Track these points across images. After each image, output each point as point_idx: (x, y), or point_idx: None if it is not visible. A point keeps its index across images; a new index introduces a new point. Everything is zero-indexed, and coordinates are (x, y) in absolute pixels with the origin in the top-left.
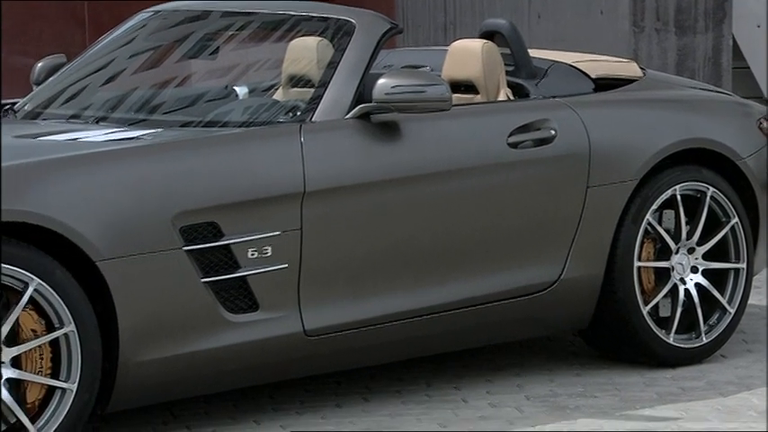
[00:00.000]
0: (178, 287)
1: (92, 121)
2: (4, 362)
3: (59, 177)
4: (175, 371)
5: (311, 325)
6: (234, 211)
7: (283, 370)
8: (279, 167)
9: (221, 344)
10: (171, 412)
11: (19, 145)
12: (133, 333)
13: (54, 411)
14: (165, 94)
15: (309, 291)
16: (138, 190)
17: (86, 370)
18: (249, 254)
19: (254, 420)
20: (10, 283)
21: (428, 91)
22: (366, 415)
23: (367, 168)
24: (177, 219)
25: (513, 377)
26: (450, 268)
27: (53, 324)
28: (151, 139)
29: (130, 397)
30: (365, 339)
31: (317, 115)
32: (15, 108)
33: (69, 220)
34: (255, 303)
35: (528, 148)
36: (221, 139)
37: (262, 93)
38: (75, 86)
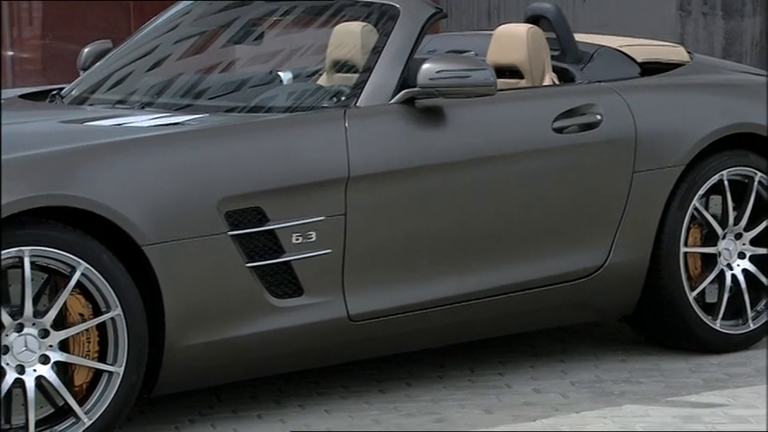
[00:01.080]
0: (223, 272)
1: (137, 106)
2: (53, 345)
3: (106, 162)
4: (221, 355)
5: (355, 310)
6: (278, 197)
7: (327, 355)
8: (323, 153)
9: (266, 328)
10: (217, 396)
11: (66, 130)
12: (179, 317)
13: (101, 394)
14: (209, 79)
15: (353, 276)
16: (184, 175)
17: (133, 353)
18: (294, 239)
19: (299, 405)
20: (58, 267)
21: (473, 76)
22: (409, 400)
23: (411, 153)
24: (222, 204)
25: (558, 363)
26: (494, 254)
27: (100, 308)
28: (196, 125)
29: (176, 381)
30: (409, 324)
31: (362, 100)
32: (62, 93)
33: (116, 205)
34: (300, 288)
35: (573, 133)
36: (266, 124)
37: (306, 78)
38: (121, 72)
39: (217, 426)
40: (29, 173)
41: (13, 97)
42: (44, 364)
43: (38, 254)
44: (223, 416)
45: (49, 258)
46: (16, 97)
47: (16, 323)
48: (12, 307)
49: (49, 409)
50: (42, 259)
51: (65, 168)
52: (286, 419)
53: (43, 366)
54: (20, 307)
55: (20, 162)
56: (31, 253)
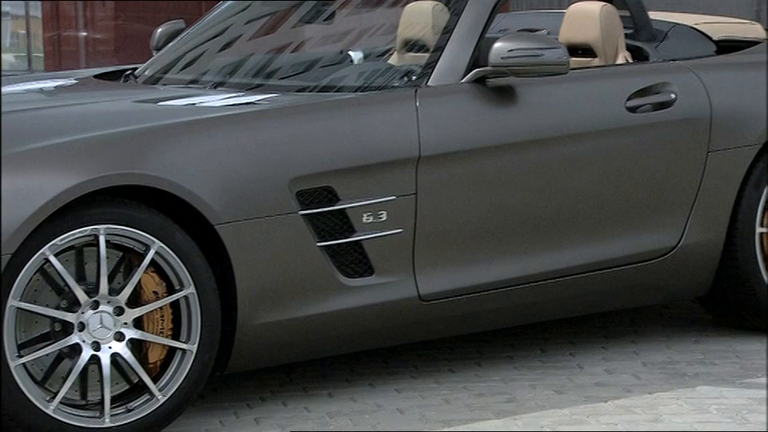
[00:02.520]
0: (294, 251)
1: (210, 86)
2: (127, 323)
3: (179, 142)
4: (292, 334)
5: (426, 290)
6: (349, 176)
7: (397, 334)
8: (394, 132)
9: (336, 308)
10: (287, 375)
11: (140, 110)
12: (251, 296)
13: (175, 371)
14: (281, 59)
15: (424, 255)
16: (256, 154)
17: (206, 331)
18: (364, 218)
19: (370, 384)
20: (132, 245)
21: (545, 54)
22: (479, 380)
23: (482, 133)
24: (294, 183)
25: (630, 344)
26: (566, 234)
27: (174, 286)
28: (268, 104)
29: (248, 359)
30: (479, 305)
31: (433, 80)
32: (136, 73)
33: (189, 184)
34: (370, 268)
35: (647, 112)
36: (337, 103)
37: (377, 58)
38: (193, 52)
39: (288, 404)
40: (104, 152)
41: (88, 77)
42: (119, 341)
43: (113, 232)
44: (294, 394)
45: (124, 237)
46: (91, 77)
47: (92, 301)
48: (87, 285)
49: (124, 385)
50: (117, 237)
51: (139, 148)
52: (356, 398)
53: (118, 343)
54: (95, 285)
55: (95, 141)
56: (107, 231)
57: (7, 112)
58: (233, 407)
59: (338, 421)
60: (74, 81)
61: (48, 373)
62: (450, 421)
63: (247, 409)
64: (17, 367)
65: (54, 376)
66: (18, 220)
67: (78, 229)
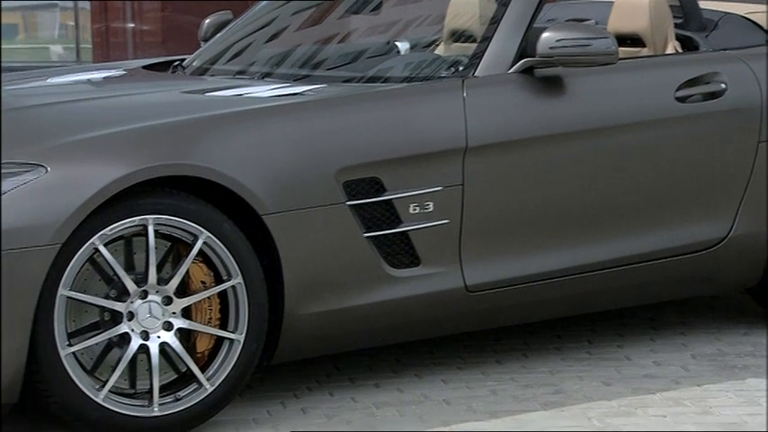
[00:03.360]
0: (341, 241)
1: (257, 76)
2: (176, 312)
3: (227, 132)
4: (338, 324)
5: (472, 280)
6: (396, 167)
7: (444, 325)
8: (441, 123)
9: (383, 298)
10: (334, 365)
11: (187, 100)
12: (298, 286)
13: (222, 361)
14: (328, 50)
15: (471, 246)
16: (303, 145)
17: (253, 321)
18: (411, 209)
19: (416, 374)
20: (180, 235)
21: (594, 44)
22: (526, 371)
23: (530, 123)
24: (340, 174)
25: (678, 336)
26: (614, 225)
27: (221, 276)
28: (315, 95)
29: (295, 349)
30: (526, 296)
31: (480, 70)
32: (184, 64)
33: (236, 175)
34: (417, 258)
35: (697, 102)
36: (384, 94)
37: (423, 48)
38: (240, 43)
39: (335, 394)
40: (153, 143)
41: (137, 68)
42: (167, 330)
43: (161, 222)
44: (341, 384)
45: (173, 227)
46: (139, 68)
47: (141, 290)
48: (136, 274)
49: (172, 375)
50: (166, 228)
51: (187, 138)
52: (403, 389)
53: (167, 333)
54: (144, 274)
55: (144, 132)
56: (155, 221)
57: (57, 102)
58: (280, 397)
59: (384, 412)
60: (123, 72)
61: (97, 362)
62: (496, 412)
63: (294, 399)
64: (67, 356)
65: (103, 365)
66: (68, 210)
67: (127, 219)
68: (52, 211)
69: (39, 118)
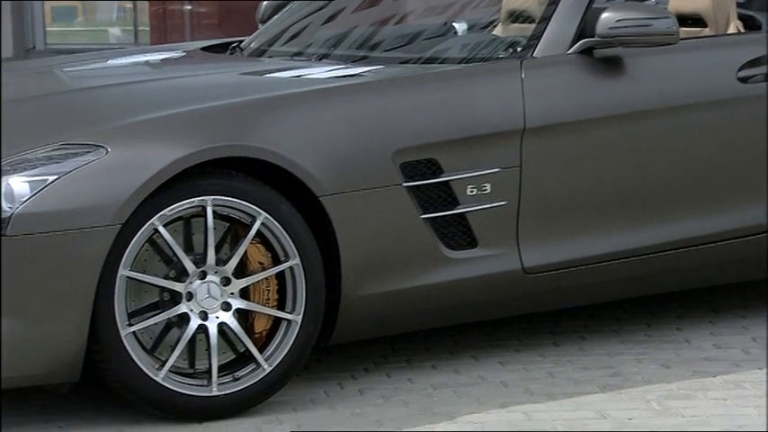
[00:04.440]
0: (398, 223)
1: (315, 58)
2: (234, 293)
3: (285, 114)
4: (395, 305)
5: (530, 262)
6: (453, 148)
7: (501, 307)
8: (499, 104)
9: (440, 280)
10: (391, 346)
11: (245, 82)
12: (355, 267)
13: (280, 342)
14: (384, 31)
15: (528, 228)
16: (360, 126)
17: (311, 302)
18: (468, 191)
19: (472, 356)
20: (238, 216)
21: (654, 24)
22: (583, 353)
23: (589, 104)
24: (397, 155)
25: (739, 319)
26: (673, 207)
27: (279, 257)
28: (372, 77)
29: (352, 330)
30: (584, 278)
31: (539, 51)
32: (242, 46)
33: (294, 156)
34: (474, 240)
35: (759, 82)
36: (441, 75)
37: (481, 29)
38: (298, 25)
39: (392, 375)
40: (211, 124)
41: (195, 50)
42: (226, 311)
43: (220, 203)
44: (397, 365)
45: (231, 208)
46: (198, 50)
47: (199, 271)
48: (195, 255)
49: (230, 355)
50: (224, 209)
51: (246, 120)
52: (460, 370)
53: (225, 313)
54: (203, 255)
55: (203, 113)
56: (214, 202)
57: (118, 84)
58: (337, 378)
59: (441, 393)
60: (182, 54)
61: (157, 342)
62: (554, 395)
63: (351, 380)
64: (127, 335)
65: (163, 345)
66: (128, 190)
67: (186, 200)
68: (112, 191)
69: (99, 99)
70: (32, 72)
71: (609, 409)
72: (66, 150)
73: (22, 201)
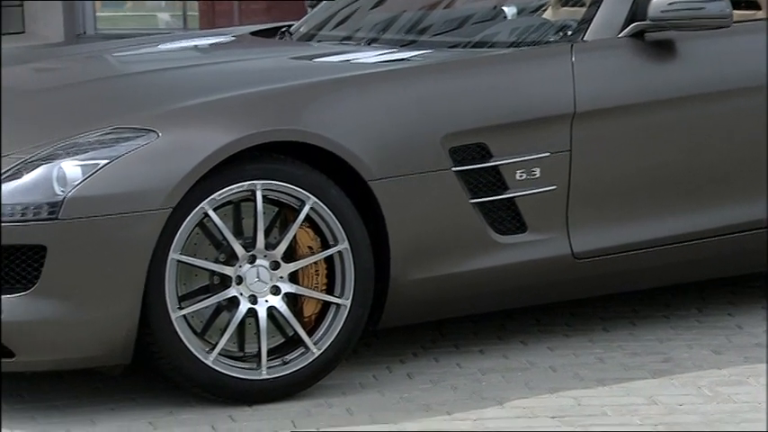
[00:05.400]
0: (447, 207)
1: (363, 42)
2: (283, 277)
3: (334, 98)
4: (444, 290)
5: (579, 247)
6: (503, 133)
7: (550, 292)
8: (549, 88)
9: (488, 265)
10: (439, 331)
11: (295, 66)
12: (404, 252)
13: (329, 326)
14: (434, 15)
15: (578, 213)
16: (409, 111)
17: (359, 287)
18: (517, 175)
19: (521, 341)
20: (287, 201)
21: (707, 7)
22: (633, 339)
23: (640, 88)
24: (446, 140)
25: None
26: (725, 191)
27: (328, 242)
28: (421, 61)
29: (400, 314)
30: (634, 263)
31: (590, 34)
32: (291, 30)
33: (343, 141)
34: (523, 225)
35: None
36: (491, 59)
37: (531, 13)
38: (347, 9)
39: (440, 360)
40: (260, 108)
41: (245, 34)
42: (275, 294)
43: (269, 188)
44: (446, 350)
45: (280, 192)
46: (247, 34)
47: (249, 255)
48: (245, 239)
49: (279, 338)
50: (273, 193)
51: (295, 104)
52: (509, 355)
53: (274, 297)
54: (252, 239)
55: (252, 97)
56: (263, 187)
57: (168, 68)
58: (386, 362)
59: (490, 378)
60: (231, 38)
61: (207, 325)
62: (604, 380)
63: (400, 365)
64: (178, 319)
65: (213, 328)
66: (179, 174)
67: (236, 185)
68: (163, 175)
69: (150, 84)
70: (83, 57)
71: (659, 394)
72: (117, 135)
73: (75, 185)
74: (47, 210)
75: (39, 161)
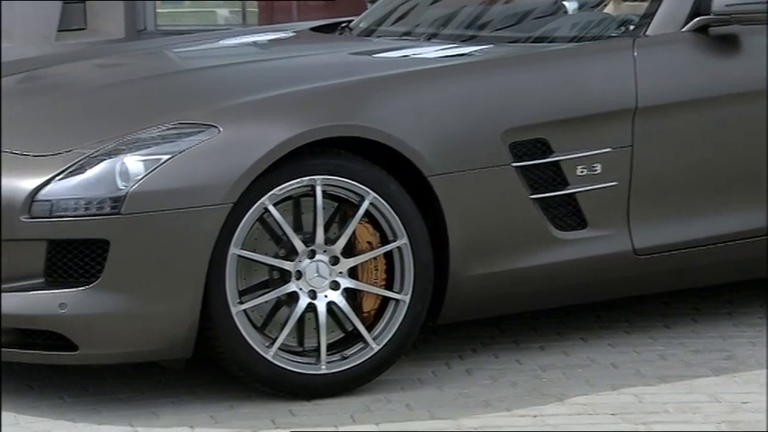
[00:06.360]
0: (507, 203)
1: (423, 38)
2: (342, 272)
3: (394, 93)
4: (503, 286)
5: (641, 243)
6: (563, 128)
7: (611, 288)
8: (610, 83)
9: (548, 261)
10: (498, 327)
11: (355, 62)
12: (463, 247)
13: (388, 321)
14: (494, 10)
15: (639, 209)
16: (469, 106)
17: (419, 282)
18: (578, 171)
19: (581, 338)
20: (347, 196)
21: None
22: (696, 336)
23: (703, 83)
24: (507, 135)
25: None
26: None
27: (387, 237)
28: (481, 56)
29: (459, 310)
30: (696, 259)
31: (652, 29)
32: (351, 26)
33: (403, 136)
34: (584, 221)
35: None
36: (551, 54)
37: (592, 7)
38: (407, 4)
39: (499, 356)
40: (321, 104)
41: (305, 30)
42: (334, 290)
43: (329, 183)
44: (505, 346)
45: (340, 187)
46: (307, 30)
47: (309, 250)
48: (304, 234)
49: (338, 333)
50: (333, 188)
51: (355, 100)
52: (569, 352)
53: (334, 292)
54: (312, 234)
55: (313, 93)
56: (323, 182)
57: (229, 64)
58: (445, 357)
59: (550, 374)
60: (291, 34)
61: (267, 320)
62: (666, 377)
63: (459, 360)
64: (238, 313)
65: (273, 323)
66: (239, 170)
67: (296, 180)
68: (224, 171)
69: (211, 79)
70: (144, 53)
71: (722, 392)
72: (179, 130)
73: (137, 180)
74: (110, 204)
75: (102, 156)
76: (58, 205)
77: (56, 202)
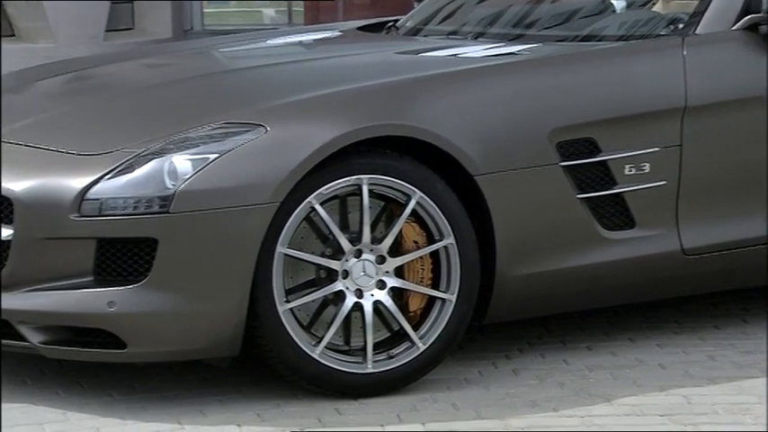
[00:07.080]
0: (554, 203)
1: (470, 36)
2: (389, 271)
3: (441, 93)
4: (550, 285)
5: (690, 243)
6: (611, 127)
7: (659, 289)
8: (659, 82)
9: (596, 261)
10: (545, 327)
11: (401, 61)
12: (510, 247)
13: (435, 321)
14: (541, 9)
15: (688, 208)
16: (516, 105)
17: (465, 282)
18: (626, 170)
19: (629, 338)
20: (394, 195)
21: None
22: (745, 337)
23: (753, 82)
24: (554, 134)
25: None
26: None
27: (433, 236)
28: (528, 55)
29: (506, 310)
30: (746, 259)
31: (701, 27)
32: (398, 25)
33: (450, 135)
34: (632, 220)
35: None
36: (599, 53)
37: (640, 6)
38: (453, 3)
39: (546, 356)
40: (367, 103)
41: (351, 29)
42: (381, 289)
43: (375, 182)
44: (552, 346)
45: (386, 187)
46: (354, 29)
47: (355, 249)
48: (351, 233)
49: (385, 333)
50: (379, 187)
51: (402, 99)
52: (616, 352)
53: (380, 291)
54: (358, 234)
55: (359, 92)
56: (369, 181)
57: (276, 63)
58: (491, 357)
59: (597, 375)
60: (338, 33)
61: (313, 319)
62: (715, 378)
63: (505, 360)
64: (285, 312)
65: (319, 322)
66: (287, 169)
67: (343, 179)
68: (271, 170)
69: (258, 79)
70: (191, 53)
71: None
72: (226, 129)
73: (185, 179)
74: (158, 203)
75: (150, 155)
76: (107, 204)
77: (105, 201)
